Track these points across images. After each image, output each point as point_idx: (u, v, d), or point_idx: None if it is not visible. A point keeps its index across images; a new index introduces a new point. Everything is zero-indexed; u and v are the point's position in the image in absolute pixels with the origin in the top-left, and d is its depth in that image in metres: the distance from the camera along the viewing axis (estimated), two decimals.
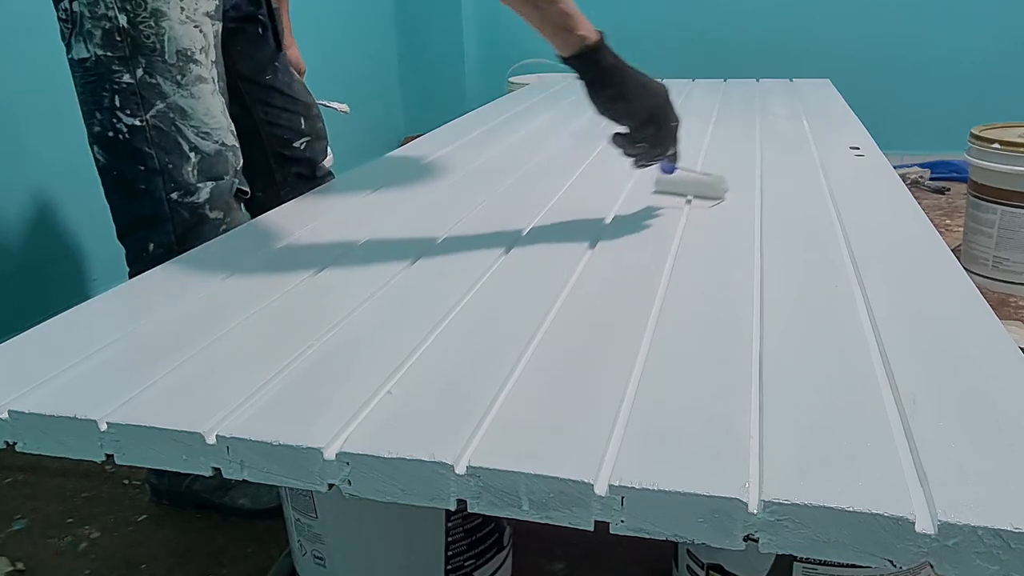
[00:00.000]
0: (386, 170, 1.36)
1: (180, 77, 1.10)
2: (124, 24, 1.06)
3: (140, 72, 1.08)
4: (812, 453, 0.52)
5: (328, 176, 1.52)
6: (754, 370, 0.64)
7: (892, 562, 0.47)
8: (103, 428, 0.59)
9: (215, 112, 1.14)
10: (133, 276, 1.09)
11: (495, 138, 1.59)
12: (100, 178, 1.14)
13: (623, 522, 0.50)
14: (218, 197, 1.15)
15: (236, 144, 1.18)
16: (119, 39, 1.06)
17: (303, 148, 1.47)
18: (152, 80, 1.08)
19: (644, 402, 0.59)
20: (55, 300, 1.05)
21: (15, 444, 0.63)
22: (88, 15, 1.06)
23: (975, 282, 0.79)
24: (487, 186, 1.22)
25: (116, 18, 1.06)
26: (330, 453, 0.55)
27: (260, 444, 0.56)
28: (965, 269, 0.84)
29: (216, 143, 1.14)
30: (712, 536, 0.49)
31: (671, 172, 1.10)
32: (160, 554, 1.23)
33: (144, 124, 1.09)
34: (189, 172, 1.12)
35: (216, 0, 1.16)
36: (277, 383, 0.64)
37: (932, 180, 3.01)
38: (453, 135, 1.63)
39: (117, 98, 1.08)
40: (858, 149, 1.36)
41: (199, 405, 0.61)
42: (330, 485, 0.55)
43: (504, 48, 3.50)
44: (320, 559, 0.94)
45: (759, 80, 2.23)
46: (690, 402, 0.59)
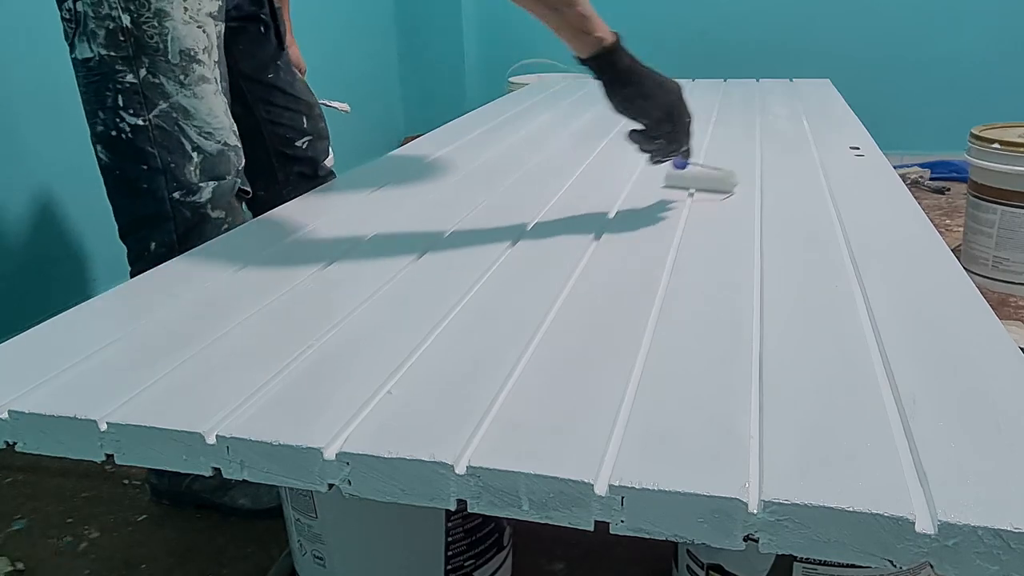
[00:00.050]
0: (386, 170, 1.36)
1: (183, 77, 1.10)
2: (128, 24, 1.06)
3: (143, 72, 1.08)
4: (812, 453, 0.52)
5: (330, 175, 1.52)
6: (754, 370, 0.64)
7: (892, 562, 0.47)
8: (103, 428, 0.60)
9: (218, 112, 1.14)
10: (135, 275, 1.09)
11: (495, 138, 1.59)
12: (103, 177, 1.14)
13: (623, 522, 0.50)
14: (220, 197, 1.15)
15: (238, 144, 1.19)
16: (123, 39, 1.07)
17: (305, 147, 1.47)
18: (155, 80, 1.09)
19: (644, 402, 0.59)
20: (56, 300, 1.05)
21: (15, 444, 0.63)
22: (92, 15, 1.06)
23: (975, 282, 0.79)
24: (487, 186, 1.22)
25: (120, 18, 1.06)
26: (330, 453, 0.55)
27: (260, 444, 0.56)
28: (965, 269, 0.84)
29: (218, 143, 1.14)
30: (712, 536, 0.49)
31: (683, 167, 1.11)
32: (160, 554, 1.23)
33: (147, 124, 1.09)
34: (191, 172, 1.12)
35: (219, 1, 1.16)
36: (277, 383, 0.64)
37: (932, 180, 3.01)
38: (453, 135, 1.63)
39: (120, 98, 1.08)
40: (858, 149, 1.36)
41: (199, 405, 0.61)
42: (330, 485, 0.55)
43: (504, 48, 3.50)
44: (320, 559, 0.94)
45: (759, 80, 2.23)
46: (690, 402, 0.59)
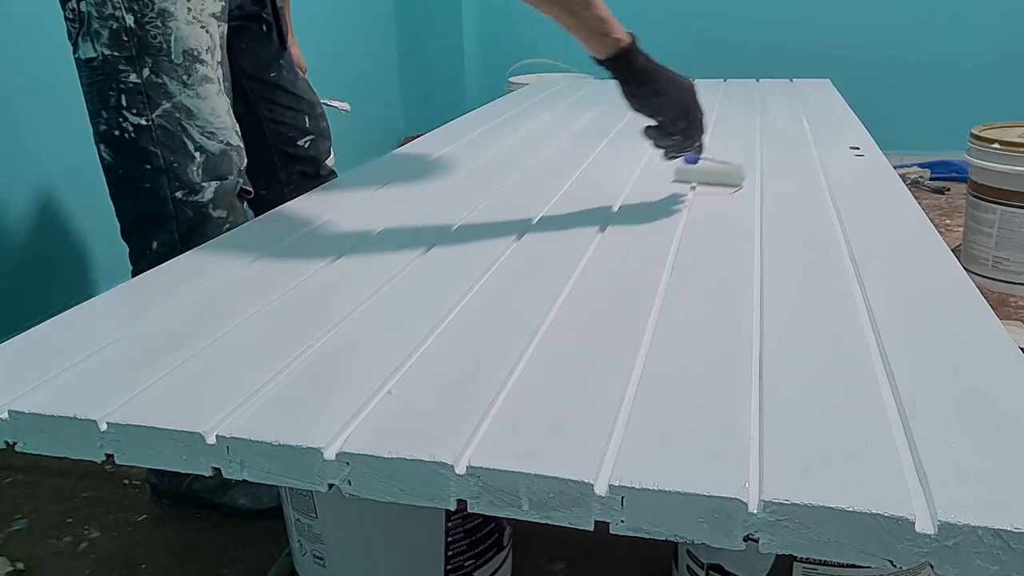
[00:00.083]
0: (387, 170, 1.36)
1: (186, 77, 1.10)
2: (131, 24, 1.06)
3: (147, 72, 1.08)
4: (812, 453, 0.52)
5: (331, 175, 1.52)
6: (754, 370, 0.64)
7: (892, 562, 0.47)
8: (103, 428, 0.60)
9: (220, 112, 1.15)
10: (136, 274, 1.10)
11: (495, 138, 1.59)
12: (105, 176, 1.15)
13: (623, 522, 0.50)
14: (222, 196, 1.15)
15: (241, 144, 1.19)
16: (126, 39, 1.07)
17: (307, 146, 1.47)
18: (158, 80, 1.09)
19: (644, 402, 0.59)
20: (57, 300, 1.05)
21: (15, 444, 0.63)
22: (95, 15, 1.06)
23: (975, 282, 0.79)
24: (487, 186, 1.22)
25: (123, 18, 1.06)
26: (330, 453, 0.55)
27: (260, 444, 0.56)
28: (965, 269, 0.84)
29: (221, 143, 1.15)
30: (712, 536, 0.49)
31: (695, 162, 1.13)
32: (160, 554, 1.23)
33: (150, 123, 1.09)
34: (194, 171, 1.12)
35: (222, 2, 1.16)
36: (277, 383, 0.64)
37: (932, 180, 3.01)
38: (453, 135, 1.63)
39: (123, 97, 1.09)
40: (858, 149, 1.36)
41: (199, 405, 0.61)
42: (330, 485, 0.55)
43: (504, 48, 3.50)
44: (320, 559, 0.94)
45: (759, 80, 2.23)
46: (690, 402, 0.59)
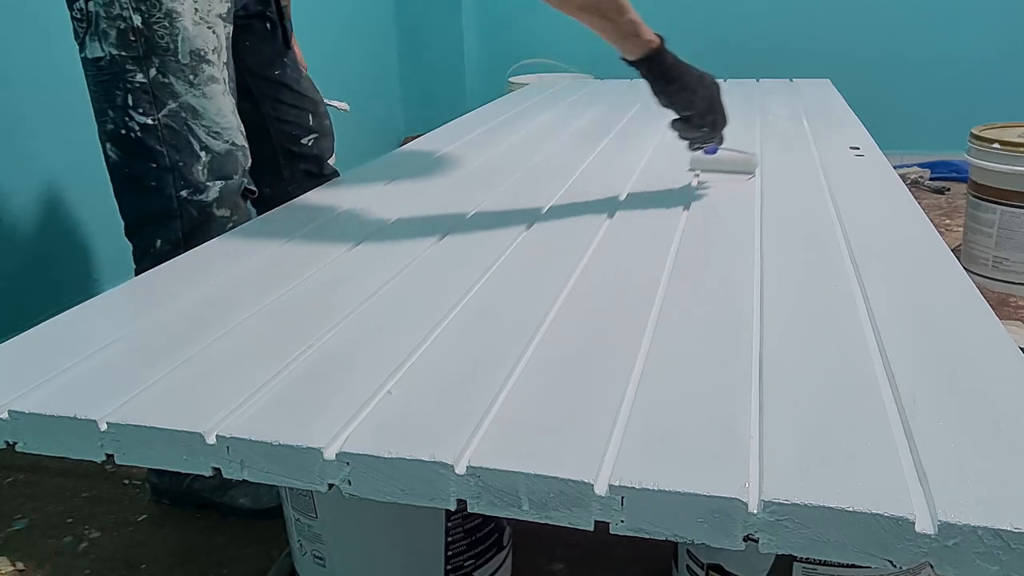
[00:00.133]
0: (387, 170, 1.36)
1: (193, 77, 1.11)
2: (139, 24, 1.07)
3: (153, 72, 1.09)
4: (812, 453, 0.52)
5: (334, 174, 1.52)
6: (754, 370, 0.64)
7: (892, 562, 0.47)
8: (103, 428, 0.60)
9: (226, 112, 1.15)
10: (139, 272, 1.10)
11: (495, 138, 1.59)
12: (110, 175, 1.15)
13: (623, 522, 0.50)
14: (227, 196, 1.16)
15: (246, 144, 1.20)
16: (133, 39, 1.07)
17: (311, 145, 1.47)
18: (165, 80, 1.09)
19: (644, 402, 0.59)
20: (59, 299, 1.05)
21: (15, 444, 0.63)
22: (103, 15, 1.07)
23: (975, 282, 0.79)
24: (487, 185, 1.22)
25: (131, 18, 1.07)
26: (330, 453, 0.55)
27: (260, 444, 0.56)
28: (965, 269, 0.84)
29: (227, 143, 1.15)
30: (712, 536, 0.49)
31: (714, 152, 1.20)
32: (160, 554, 1.22)
33: (156, 123, 1.10)
34: (199, 171, 1.13)
35: (228, 3, 1.17)
36: (277, 383, 0.64)
37: (932, 180, 3.01)
38: (453, 135, 1.63)
39: (130, 97, 1.09)
40: (858, 149, 1.36)
41: (199, 405, 0.61)
42: (330, 485, 0.55)
43: (504, 48, 3.50)
44: (320, 559, 0.94)
45: (759, 80, 2.23)
46: (690, 402, 0.59)
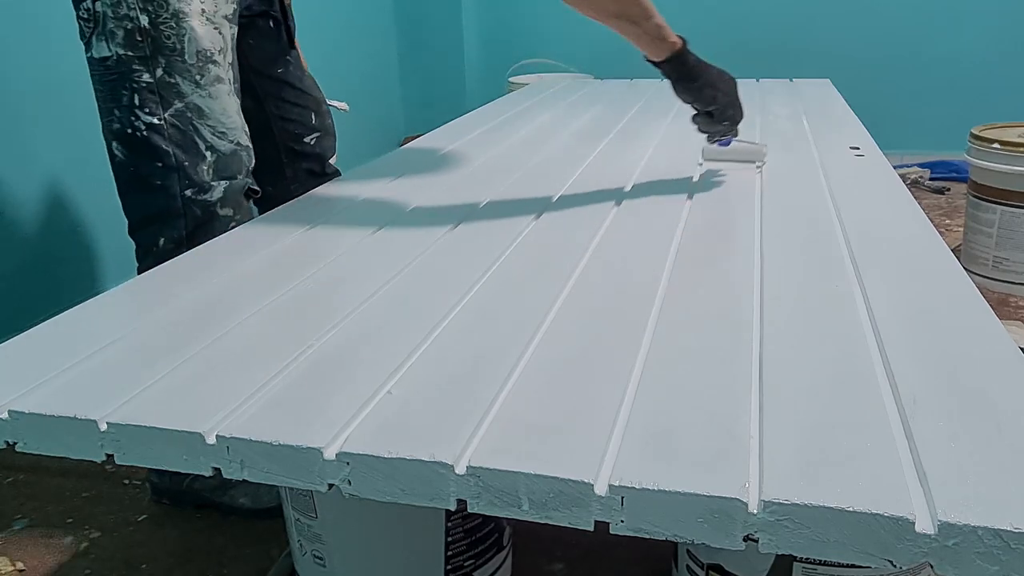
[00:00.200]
0: (387, 170, 1.36)
1: (199, 77, 1.12)
2: (146, 24, 1.08)
3: (160, 72, 1.09)
4: (812, 453, 0.52)
5: (336, 173, 1.52)
6: (754, 370, 0.64)
7: (892, 562, 0.47)
8: (103, 428, 0.59)
9: (231, 112, 1.16)
10: (142, 271, 1.11)
11: (495, 138, 1.59)
12: (115, 174, 1.16)
13: (623, 522, 0.50)
14: (231, 196, 1.17)
15: (250, 144, 1.21)
16: (140, 39, 1.08)
17: (313, 144, 1.48)
18: (171, 80, 1.10)
19: (644, 402, 0.59)
20: (59, 299, 1.05)
21: (15, 444, 0.63)
22: (111, 15, 1.08)
23: (975, 282, 0.79)
24: (488, 185, 1.22)
25: (138, 18, 1.07)
26: (330, 453, 0.55)
27: (260, 444, 0.56)
28: (965, 269, 0.84)
29: (232, 143, 1.16)
30: (712, 536, 0.49)
31: (728, 144, 1.24)
32: (160, 554, 1.23)
33: (162, 122, 1.11)
34: (205, 171, 1.14)
35: (234, 5, 1.18)
36: (277, 383, 0.64)
37: (932, 180, 3.01)
38: (453, 135, 1.63)
39: (136, 96, 1.10)
40: (858, 149, 1.36)
41: (199, 405, 0.61)
42: (330, 485, 0.55)
43: (504, 48, 3.50)
44: (320, 559, 0.94)
45: (759, 80, 2.23)
46: (690, 402, 0.59)
